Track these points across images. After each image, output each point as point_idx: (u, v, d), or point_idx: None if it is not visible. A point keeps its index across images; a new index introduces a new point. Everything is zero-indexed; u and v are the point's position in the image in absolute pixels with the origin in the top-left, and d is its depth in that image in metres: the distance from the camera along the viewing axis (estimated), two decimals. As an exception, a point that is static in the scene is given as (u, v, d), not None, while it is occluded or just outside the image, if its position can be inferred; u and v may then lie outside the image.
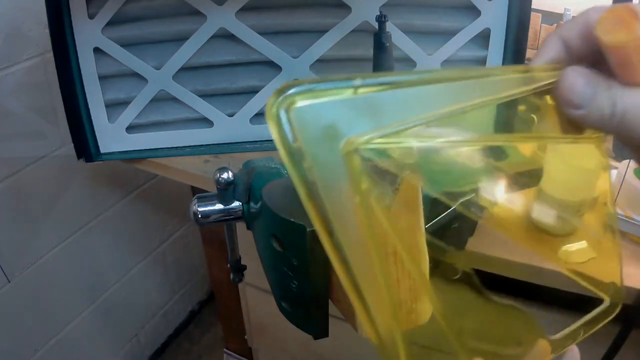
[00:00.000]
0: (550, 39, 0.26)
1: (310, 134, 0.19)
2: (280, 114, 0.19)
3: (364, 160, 0.20)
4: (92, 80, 0.67)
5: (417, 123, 0.21)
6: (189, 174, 0.71)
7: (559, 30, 0.26)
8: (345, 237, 0.20)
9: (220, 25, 0.65)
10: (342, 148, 0.20)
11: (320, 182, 0.19)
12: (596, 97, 0.23)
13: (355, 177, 0.20)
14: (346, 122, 0.20)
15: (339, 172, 0.20)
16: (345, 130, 0.20)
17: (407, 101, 0.21)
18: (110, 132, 0.71)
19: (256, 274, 0.50)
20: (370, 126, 0.20)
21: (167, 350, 1.42)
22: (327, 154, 0.20)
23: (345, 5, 0.64)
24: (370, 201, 0.21)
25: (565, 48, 0.26)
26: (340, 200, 0.20)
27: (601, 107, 0.23)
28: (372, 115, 0.21)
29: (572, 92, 0.23)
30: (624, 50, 0.21)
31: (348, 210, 0.20)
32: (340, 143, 0.20)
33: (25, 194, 0.91)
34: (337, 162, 0.20)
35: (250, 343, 1.06)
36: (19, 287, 0.94)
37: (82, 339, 1.13)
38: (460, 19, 0.67)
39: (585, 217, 0.37)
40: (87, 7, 0.63)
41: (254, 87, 0.70)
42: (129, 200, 1.15)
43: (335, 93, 0.21)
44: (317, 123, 0.20)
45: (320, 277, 0.33)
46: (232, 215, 0.42)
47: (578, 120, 0.24)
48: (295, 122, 0.19)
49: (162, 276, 1.33)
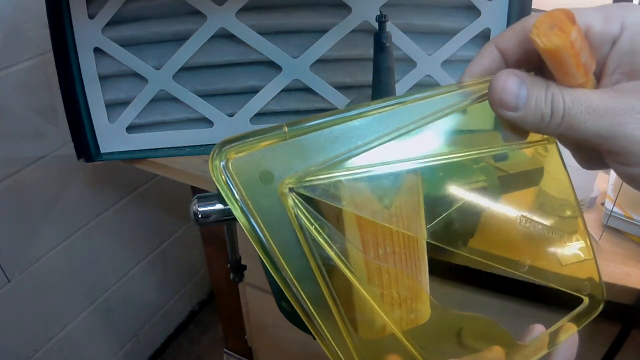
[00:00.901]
0: (485, 47, 0.26)
1: (248, 181, 0.22)
2: (221, 168, 0.22)
3: (299, 199, 0.22)
4: (92, 80, 0.67)
5: (341, 158, 0.23)
6: (189, 174, 0.71)
7: (494, 39, 0.26)
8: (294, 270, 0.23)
9: (220, 25, 0.65)
10: (277, 190, 0.22)
11: (264, 224, 0.22)
12: (532, 97, 0.22)
13: (291, 215, 0.22)
14: (280, 165, 0.23)
15: (279, 212, 0.22)
16: (279, 173, 0.22)
17: (335, 138, 0.24)
18: (110, 132, 0.71)
19: (256, 274, 0.50)
20: (301, 166, 0.23)
21: (167, 350, 1.42)
22: (265, 197, 0.22)
23: (345, 5, 0.64)
24: (312, 233, 0.23)
25: (501, 56, 0.25)
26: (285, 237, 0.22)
27: (540, 107, 0.22)
28: (302, 156, 0.23)
29: (504, 93, 0.22)
30: (560, 53, 0.21)
31: (294, 244, 0.23)
32: (275, 186, 0.22)
33: (25, 194, 0.91)
34: (275, 203, 0.22)
35: (250, 343, 1.06)
36: (19, 287, 0.94)
37: (82, 339, 1.13)
38: (460, 19, 0.67)
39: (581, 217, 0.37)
40: (87, 7, 0.63)
41: (254, 87, 0.70)
42: (129, 200, 1.15)
43: (267, 141, 0.23)
44: (253, 170, 0.22)
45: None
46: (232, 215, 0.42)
47: (516, 123, 0.23)
48: (234, 173, 0.22)
49: (162, 276, 1.33)
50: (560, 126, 0.22)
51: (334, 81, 0.70)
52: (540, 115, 0.22)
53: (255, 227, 0.22)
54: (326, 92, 0.70)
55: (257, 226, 0.22)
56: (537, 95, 0.22)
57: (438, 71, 0.69)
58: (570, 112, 0.22)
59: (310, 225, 0.23)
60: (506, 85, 0.22)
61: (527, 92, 0.22)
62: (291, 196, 0.22)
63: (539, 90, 0.22)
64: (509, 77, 0.23)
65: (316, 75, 0.69)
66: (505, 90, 0.22)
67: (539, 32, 0.20)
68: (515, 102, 0.22)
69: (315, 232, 0.23)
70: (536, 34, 0.20)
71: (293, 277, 0.23)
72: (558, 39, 0.20)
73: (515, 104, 0.22)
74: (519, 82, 0.22)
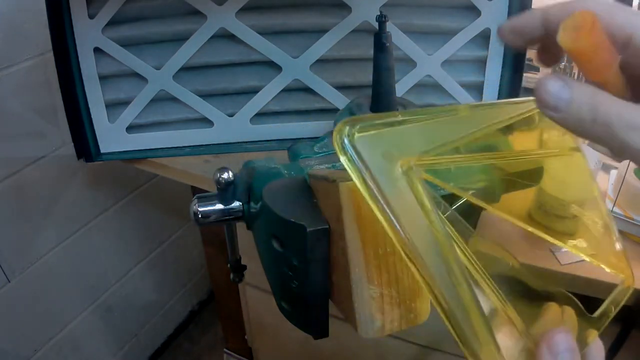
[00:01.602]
0: (533, 12, 0.27)
1: (371, 159, 0.24)
2: (346, 144, 0.24)
3: (417, 176, 0.25)
4: (92, 80, 0.67)
5: (449, 146, 0.27)
6: (189, 174, 0.71)
7: (543, 10, 0.27)
8: (419, 242, 0.24)
9: (220, 25, 0.65)
10: (400, 166, 0.25)
11: (388, 196, 0.24)
12: (575, 102, 0.23)
13: (415, 190, 0.24)
14: (401, 146, 0.25)
15: (401, 186, 0.24)
16: (400, 154, 0.25)
17: (436, 130, 0.27)
18: (110, 132, 0.71)
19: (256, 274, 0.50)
20: (419, 149, 0.26)
21: (167, 350, 1.42)
22: (388, 175, 0.24)
23: (345, 5, 0.64)
24: (431, 208, 0.25)
25: (544, 24, 0.27)
26: (407, 208, 0.24)
27: (581, 112, 0.23)
28: (419, 140, 0.26)
29: (548, 94, 0.23)
30: (587, 54, 0.22)
31: (417, 218, 0.24)
32: (397, 164, 0.25)
33: (25, 194, 0.91)
34: (398, 178, 0.24)
35: (250, 343, 1.06)
36: (19, 287, 0.94)
37: (82, 339, 1.13)
38: (460, 19, 0.67)
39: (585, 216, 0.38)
40: (87, 7, 0.63)
41: (254, 87, 0.70)
42: (129, 200, 1.15)
43: (383, 126, 0.25)
44: (377, 148, 0.24)
45: (320, 277, 0.33)
46: (232, 215, 0.42)
47: (559, 123, 0.24)
48: (359, 150, 0.24)
49: (162, 276, 1.33)
50: (599, 133, 0.23)
51: (334, 81, 0.70)
52: (579, 119, 0.23)
53: (382, 203, 0.24)
54: (326, 92, 0.70)
55: (383, 202, 0.24)
56: (580, 100, 0.23)
57: (438, 71, 0.69)
58: (612, 124, 0.22)
59: (430, 200, 0.25)
60: (548, 87, 0.23)
61: (570, 96, 0.23)
62: (414, 173, 0.25)
63: (583, 96, 0.23)
64: (553, 79, 0.24)
65: (316, 75, 0.69)
66: (548, 91, 0.23)
67: (566, 35, 0.22)
68: (555, 103, 0.23)
69: (433, 207, 0.25)
70: (562, 35, 0.22)
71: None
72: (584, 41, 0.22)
73: (555, 104, 0.23)
74: (561, 85, 0.23)
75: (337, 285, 0.32)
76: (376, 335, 0.31)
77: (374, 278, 0.30)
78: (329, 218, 0.32)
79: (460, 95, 0.71)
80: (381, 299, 0.30)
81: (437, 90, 0.71)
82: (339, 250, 0.30)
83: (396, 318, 0.31)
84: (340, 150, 0.24)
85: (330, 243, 0.32)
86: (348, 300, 0.30)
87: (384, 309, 0.30)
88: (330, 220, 0.31)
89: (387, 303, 0.30)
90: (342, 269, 0.30)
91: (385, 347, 0.82)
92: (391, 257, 0.30)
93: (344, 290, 0.31)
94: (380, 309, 0.30)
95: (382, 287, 0.30)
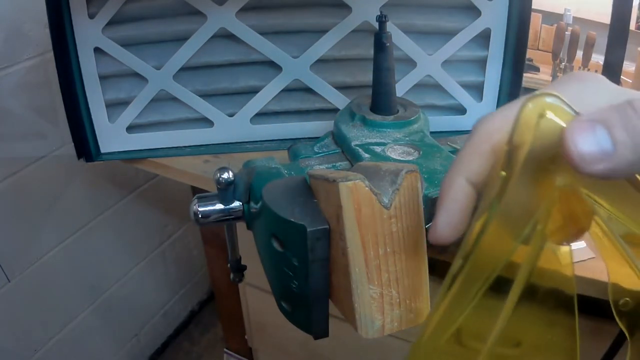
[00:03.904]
0: (453, 187, 0.23)
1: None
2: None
3: None
4: (92, 80, 0.67)
5: None
6: (189, 174, 0.71)
7: (461, 171, 0.23)
8: None
9: (220, 25, 0.65)
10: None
11: None
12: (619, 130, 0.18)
13: None
14: None
15: None
16: None
17: None
18: (110, 132, 0.71)
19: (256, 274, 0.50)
20: None
21: (167, 350, 1.42)
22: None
23: (345, 5, 0.64)
24: None
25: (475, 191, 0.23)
26: None
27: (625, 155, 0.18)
28: None
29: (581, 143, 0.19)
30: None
31: None
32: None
33: (26, 194, 0.91)
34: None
35: (250, 343, 1.06)
36: (19, 287, 0.94)
37: (82, 339, 1.13)
38: (460, 19, 0.67)
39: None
40: (87, 7, 0.63)
41: (254, 87, 0.70)
42: (129, 200, 1.15)
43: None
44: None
45: (320, 277, 0.33)
46: (233, 215, 0.42)
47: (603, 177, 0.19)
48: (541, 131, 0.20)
49: (162, 276, 1.33)
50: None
51: (334, 81, 0.70)
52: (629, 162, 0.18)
53: None
54: (326, 92, 0.70)
55: None
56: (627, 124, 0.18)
57: (438, 71, 0.69)
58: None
59: None
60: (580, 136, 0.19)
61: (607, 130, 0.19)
62: None
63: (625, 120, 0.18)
64: (578, 123, 0.19)
65: (316, 75, 0.69)
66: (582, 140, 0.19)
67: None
68: (599, 147, 0.18)
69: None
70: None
71: None
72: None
73: (600, 149, 0.18)
74: (591, 124, 0.19)
75: (337, 285, 0.32)
76: (376, 335, 0.31)
77: (374, 278, 0.30)
78: (329, 218, 0.32)
79: (461, 95, 0.71)
80: (381, 299, 0.30)
81: (437, 90, 0.71)
82: (339, 250, 0.30)
83: (396, 318, 0.31)
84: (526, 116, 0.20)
85: (330, 243, 0.32)
86: (348, 300, 0.30)
87: (384, 309, 0.30)
88: (330, 220, 0.31)
89: (387, 303, 0.30)
90: (342, 269, 0.30)
91: (385, 347, 0.82)
92: (391, 257, 0.30)
93: (344, 290, 0.31)
94: (380, 309, 0.30)
95: (382, 287, 0.30)
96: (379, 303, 0.30)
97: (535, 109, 0.20)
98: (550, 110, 0.20)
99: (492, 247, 0.21)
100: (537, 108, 0.20)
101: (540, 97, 0.20)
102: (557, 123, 0.20)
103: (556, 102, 0.20)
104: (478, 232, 0.21)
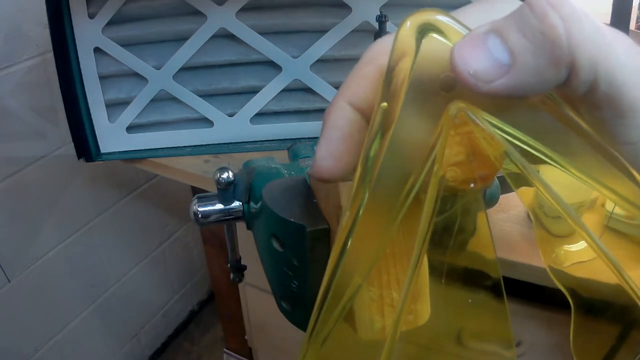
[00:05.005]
0: (336, 113, 0.20)
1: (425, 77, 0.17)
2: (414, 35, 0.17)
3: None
4: (92, 80, 0.67)
5: None
6: (189, 174, 0.71)
7: (345, 96, 0.20)
8: None
9: (220, 25, 0.65)
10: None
11: None
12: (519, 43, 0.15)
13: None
14: None
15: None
16: None
17: None
18: (110, 132, 0.71)
19: (256, 274, 0.50)
20: None
21: (167, 350, 1.42)
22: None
23: (345, 5, 0.64)
24: None
25: (362, 117, 0.19)
26: None
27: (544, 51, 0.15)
28: None
29: (471, 59, 0.15)
30: None
31: None
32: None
33: (26, 194, 0.91)
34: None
35: (250, 343, 1.06)
36: (19, 287, 0.94)
37: (82, 339, 1.13)
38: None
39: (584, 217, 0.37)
40: (87, 7, 0.63)
41: (254, 87, 0.70)
42: (129, 200, 1.15)
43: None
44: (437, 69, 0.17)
45: (320, 277, 0.33)
46: (233, 215, 0.42)
47: (506, 95, 0.15)
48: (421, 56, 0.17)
49: (162, 276, 1.33)
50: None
51: (334, 81, 0.70)
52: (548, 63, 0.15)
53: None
54: (326, 92, 0.70)
55: None
56: (524, 27, 0.15)
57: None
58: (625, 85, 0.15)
59: None
60: (469, 52, 0.15)
61: (499, 38, 0.15)
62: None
63: (522, 22, 0.15)
64: (467, 38, 0.16)
65: (316, 75, 0.69)
66: (471, 55, 0.15)
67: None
68: (493, 60, 0.15)
69: None
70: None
71: None
72: None
73: (494, 62, 0.15)
74: (482, 36, 0.15)
75: (337, 286, 0.32)
76: (376, 336, 0.31)
77: (373, 280, 0.30)
78: (329, 218, 0.32)
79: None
80: (381, 300, 0.30)
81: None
82: (339, 251, 0.30)
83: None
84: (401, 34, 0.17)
85: (331, 243, 0.32)
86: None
87: (384, 311, 0.30)
88: (330, 220, 0.31)
89: (387, 305, 0.30)
90: None
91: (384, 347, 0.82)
92: (391, 258, 0.30)
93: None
94: (380, 310, 0.30)
95: (382, 288, 0.30)
96: (379, 305, 0.30)
97: (413, 27, 0.17)
98: (437, 30, 0.17)
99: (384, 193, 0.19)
100: (415, 26, 0.17)
101: (420, 14, 0.17)
102: (445, 43, 0.17)
103: (443, 20, 0.17)
104: (359, 175, 0.18)
